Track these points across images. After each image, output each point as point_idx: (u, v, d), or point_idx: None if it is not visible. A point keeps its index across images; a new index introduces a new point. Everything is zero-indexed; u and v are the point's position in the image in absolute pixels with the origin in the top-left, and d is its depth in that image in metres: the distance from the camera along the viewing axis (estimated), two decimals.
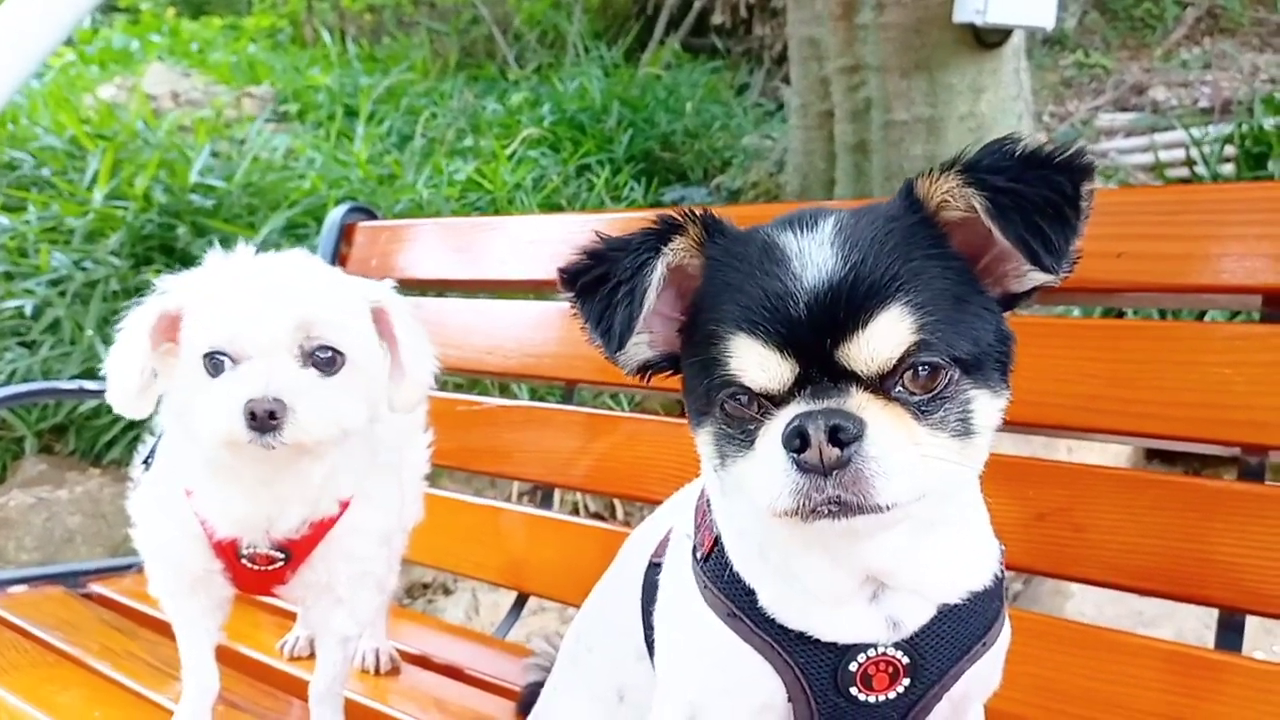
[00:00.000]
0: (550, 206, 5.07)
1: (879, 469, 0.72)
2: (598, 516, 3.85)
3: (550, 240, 1.98)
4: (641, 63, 7.42)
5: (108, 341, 3.27)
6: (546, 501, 2.07)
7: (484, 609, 3.42)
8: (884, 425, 0.73)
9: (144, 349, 1.14)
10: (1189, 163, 4.82)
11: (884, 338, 0.73)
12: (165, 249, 3.65)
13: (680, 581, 0.94)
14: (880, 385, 0.74)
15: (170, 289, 1.14)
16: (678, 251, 0.82)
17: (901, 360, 0.74)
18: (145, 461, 1.28)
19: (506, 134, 5.68)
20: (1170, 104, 6.58)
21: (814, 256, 0.76)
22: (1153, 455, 3.63)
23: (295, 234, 4.00)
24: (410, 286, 2.32)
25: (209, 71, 6.28)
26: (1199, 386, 1.23)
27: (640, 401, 4.03)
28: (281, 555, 1.20)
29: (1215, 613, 1.26)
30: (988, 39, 4.59)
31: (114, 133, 4.24)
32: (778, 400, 0.75)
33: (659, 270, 0.81)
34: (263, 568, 1.21)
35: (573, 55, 7.51)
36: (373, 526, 1.26)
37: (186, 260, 3.65)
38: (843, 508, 0.73)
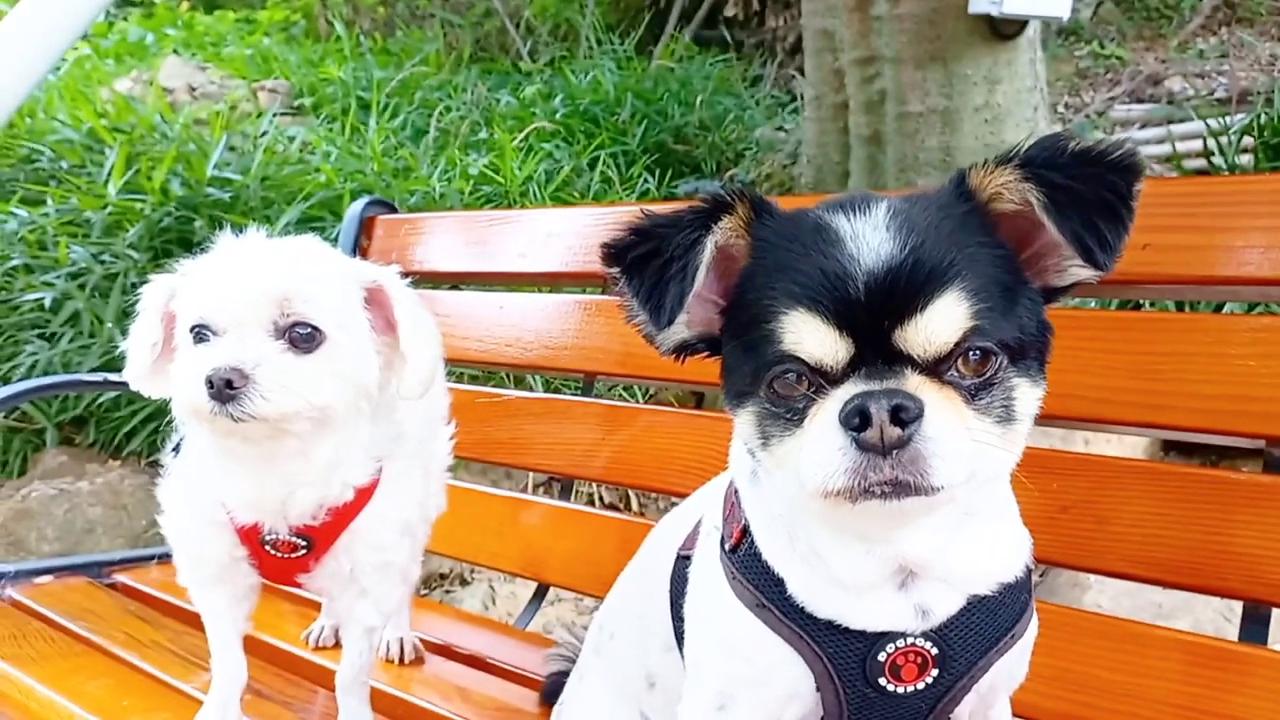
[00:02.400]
0: (563, 199, 5.08)
1: (936, 450, 0.72)
2: (613, 507, 3.86)
3: (567, 233, 1.98)
4: (654, 55, 7.41)
5: (127, 334, 3.29)
6: (565, 493, 2.08)
7: (501, 599, 3.44)
8: (940, 407, 0.73)
9: (154, 325, 1.16)
10: (1206, 153, 4.78)
11: (943, 321, 0.74)
12: (183, 242, 3.67)
13: (709, 573, 0.94)
14: (934, 368, 0.75)
15: (181, 268, 1.16)
16: (726, 230, 0.82)
17: (958, 345, 0.75)
18: (175, 449, 1.29)
19: (520, 126, 5.68)
20: (1186, 95, 6.54)
21: (870, 239, 0.76)
22: (1170, 447, 3.62)
23: (311, 226, 4.02)
24: (430, 279, 2.34)
25: (224, 65, 6.30)
26: (1223, 379, 1.23)
27: (655, 394, 4.04)
28: (303, 543, 1.21)
29: (1234, 605, 1.25)
30: (1003, 30, 4.58)
31: (131, 126, 4.27)
32: (831, 379, 0.76)
33: (709, 247, 0.81)
34: (286, 555, 1.22)
35: (585, 48, 7.50)
36: (396, 517, 1.26)
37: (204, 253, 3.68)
38: (896, 488, 0.73)
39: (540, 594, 1.98)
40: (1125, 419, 1.33)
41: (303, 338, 1.07)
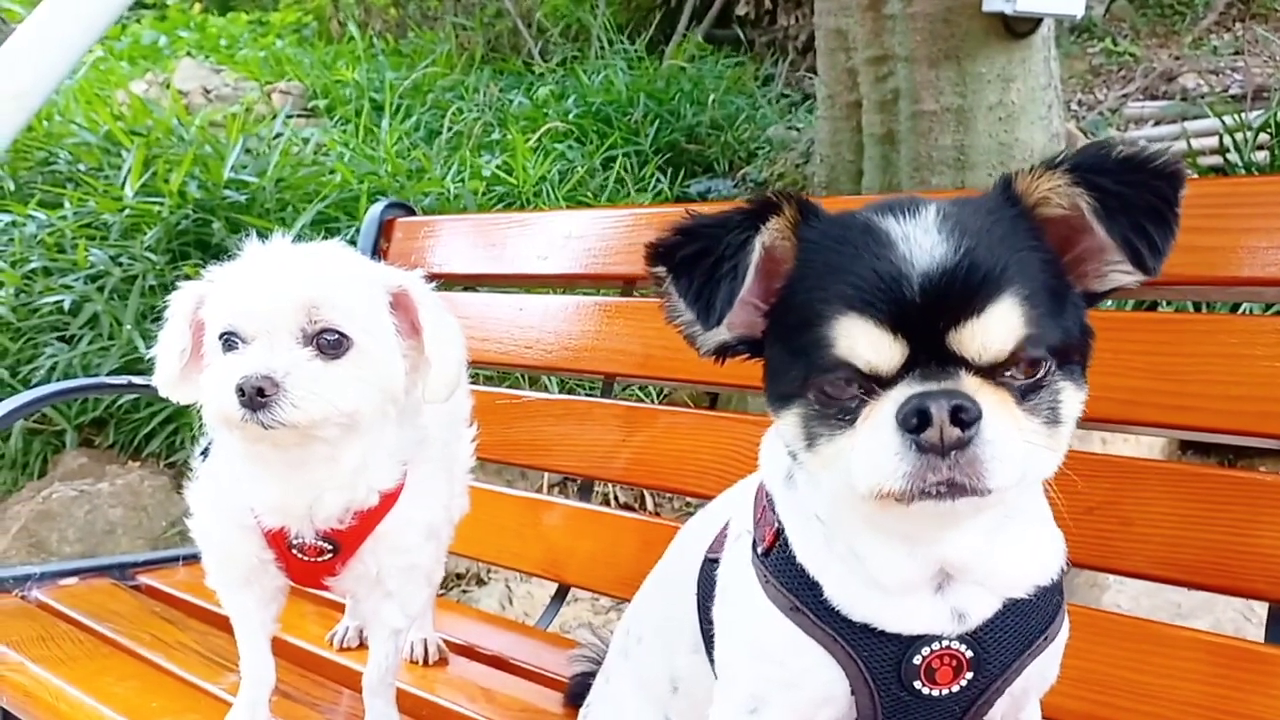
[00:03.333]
0: (576, 199, 5.09)
1: (994, 453, 0.73)
2: (628, 507, 3.87)
3: (587, 235, 1.99)
4: (665, 55, 7.41)
5: (146, 336, 3.31)
6: (584, 494, 2.09)
7: (518, 599, 3.45)
8: (996, 409, 0.74)
9: (183, 332, 1.17)
10: (1222, 150, 4.77)
11: (1001, 326, 0.74)
12: (200, 244, 3.69)
13: (740, 576, 0.94)
14: (989, 371, 0.75)
15: (210, 275, 1.16)
16: (773, 231, 0.82)
17: (1015, 350, 0.75)
18: (204, 453, 1.30)
19: (532, 127, 5.70)
20: (1200, 91, 6.50)
21: (922, 241, 0.76)
22: (1187, 447, 3.61)
23: (326, 228, 4.04)
24: (449, 281, 2.35)
25: (238, 68, 6.32)
26: (1246, 380, 1.23)
27: (669, 394, 4.04)
28: (330, 546, 1.22)
29: (1255, 605, 1.26)
30: (1017, 28, 4.57)
31: (147, 129, 4.29)
32: (884, 382, 0.76)
33: (758, 248, 0.81)
34: (312, 559, 1.23)
35: (596, 48, 7.50)
36: (422, 520, 1.27)
37: (221, 255, 3.67)
38: (951, 489, 0.73)
39: (561, 595, 1.99)
40: (1149, 420, 1.33)
41: (330, 344, 1.08)
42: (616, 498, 3.79)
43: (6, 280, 3.44)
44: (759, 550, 0.92)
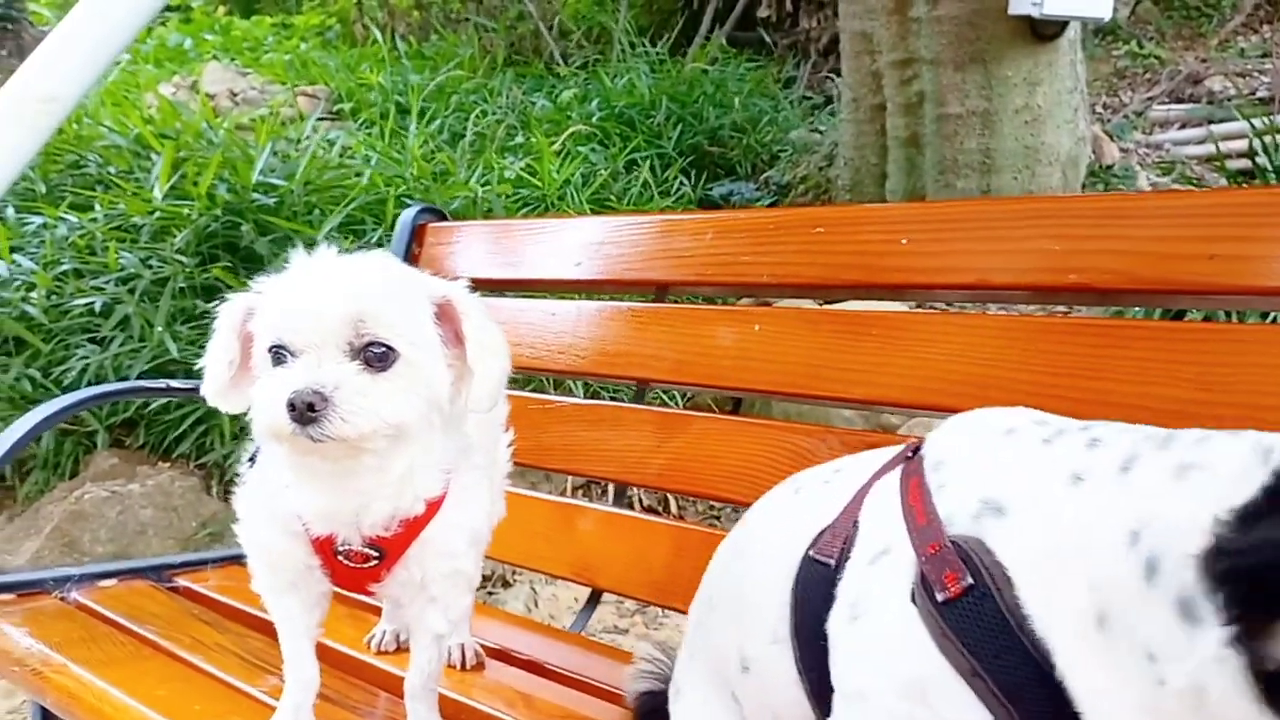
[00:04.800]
0: (599, 202, 5.10)
1: None
2: (651, 510, 3.87)
3: (621, 240, 1.99)
4: (687, 58, 7.42)
5: (177, 339, 3.34)
6: (618, 499, 2.10)
7: (543, 601, 3.46)
8: None
9: (230, 343, 1.17)
10: (1250, 153, 4.73)
11: None
12: (229, 247, 3.72)
13: (887, 607, 0.85)
14: None
15: (258, 286, 1.17)
16: None
17: None
18: (250, 459, 1.31)
19: (555, 130, 5.71)
20: (1227, 94, 6.46)
21: None
22: None
23: (353, 230, 4.07)
24: (483, 287, 2.36)
25: (264, 71, 6.37)
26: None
27: (692, 398, 4.04)
28: (375, 553, 1.23)
29: None
30: (1044, 31, 4.56)
31: (176, 132, 4.33)
32: None
33: None
34: (358, 565, 1.23)
35: (618, 51, 7.52)
36: (465, 526, 1.28)
37: (250, 258, 3.72)
38: None
39: (594, 599, 1.99)
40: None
41: (377, 357, 1.08)
42: (641, 500, 3.80)
43: (39, 282, 3.47)
44: (936, 596, 0.81)
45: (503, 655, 1.69)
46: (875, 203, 4.95)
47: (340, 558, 1.23)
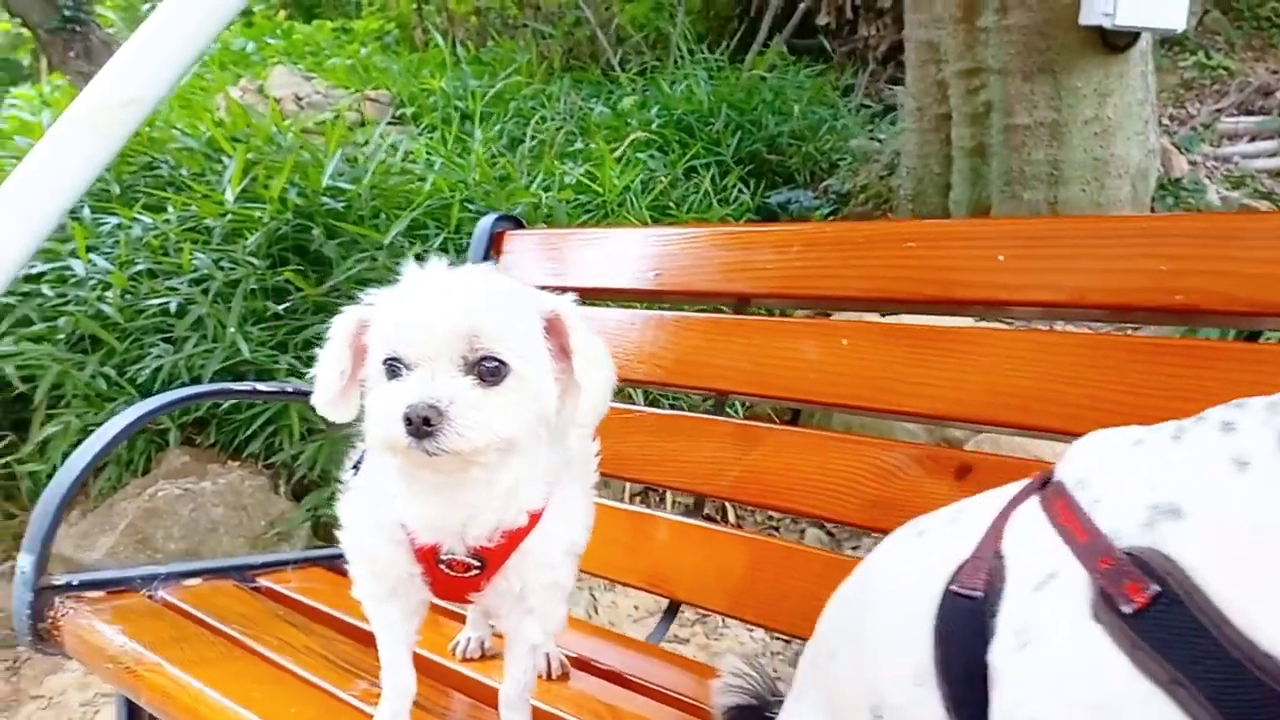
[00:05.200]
0: (659, 209, 5.10)
1: None
2: (709, 519, 3.87)
3: (702, 251, 1.99)
4: (745, 64, 7.40)
5: (249, 340, 3.39)
6: (693, 510, 2.09)
7: (602, 608, 3.47)
8: None
9: (342, 355, 1.19)
10: None
11: None
12: (298, 250, 3.77)
13: (1063, 630, 0.83)
14: None
15: (371, 298, 1.18)
16: None
17: None
18: (354, 467, 1.33)
19: (614, 136, 5.72)
20: None
21: None
22: None
23: (416, 235, 4.10)
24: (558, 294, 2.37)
25: (329, 75, 6.45)
26: None
27: (750, 407, 4.03)
28: (477, 563, 1.24)
29: None
30: (1115, 42, 4.49)
31: (246, 135, 4.40)
32: None
33: None
34: (459, 574, 1.24)
35: (676, 57, 7.52)
36: (564, 537, 1.28)
37: (320, 261, 3.77)
38: None
39: (671, 611, 1.99)
40: None
41: (490, 372, 1.09)
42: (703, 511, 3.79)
43: (114, 282, 3.54)
44: (1124, 609, 0.80)
45: (585, 665, 1.70)
46: (939, 213, 4.91)
47: (442, 567, 1.24)
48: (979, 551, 0.96)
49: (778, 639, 3.35)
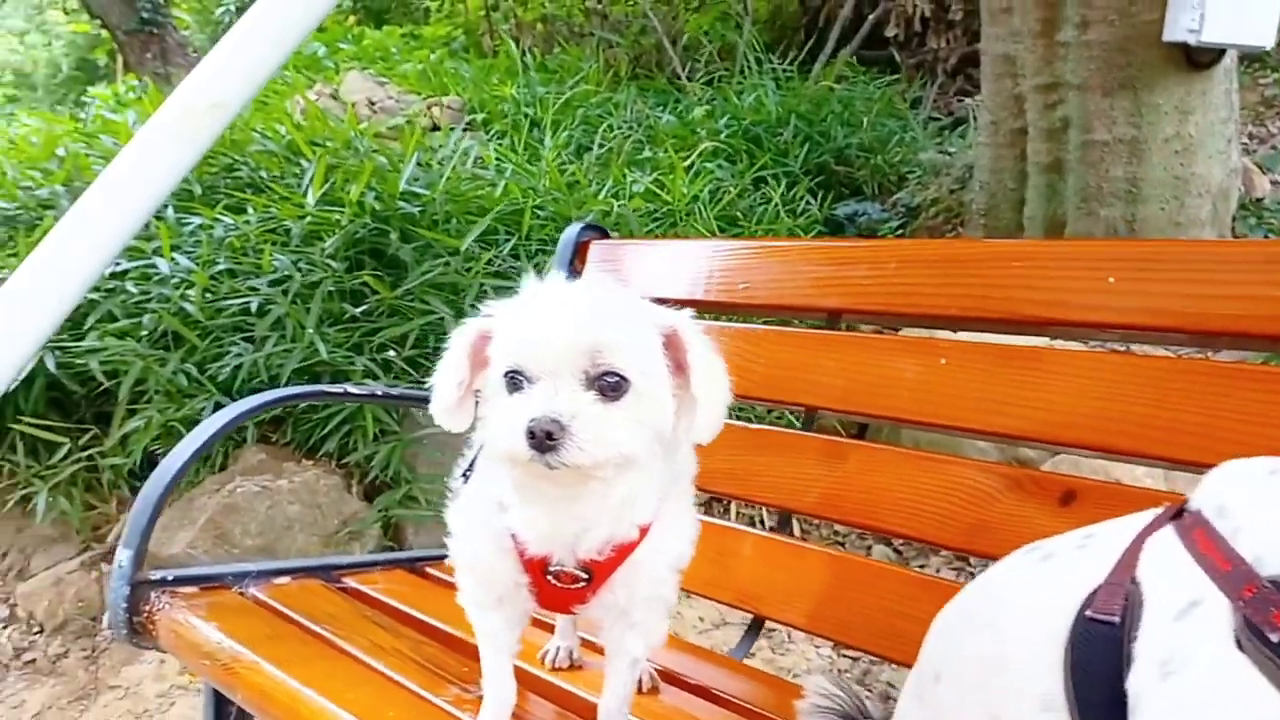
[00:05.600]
0: (727, 219, 5.09)
1: None
2: (774, 530, 3.84)
3: (791, 265, 1.98)
4: (812, 75, 7.37)
5: (326, 341, 3.44)
6: (780, 526, 2.08)
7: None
8: None
9: (461, 365, 1.19)
10: None
11: None
12: (374, 253, 3.82)
13: (1206, 658, 0.83)
14: None
15: (491, 310, 1.19)
16: None
17: None
18: (464, 475, 1.33)
19: (681, 145, 5.73)
20: None
21: None
22: None
23: (488, 240, 4.14)
24: None
25: (401, 81, 6.54)
26: None
27: (817, 421, 4.00)
28: (585, 575, 1.24)
29: None
30: (1199, 59, 4.40)
31: (325, 139, 4.46)
32: None
33: None
34: (566, 586, 1.25)
35: (742, 67, 7.51)
36: (671, 552, 1.28)
37: (395, 265, 3.81)
38: None
39: (756, 627, 1.98)
40: None
41: (611, 386, 1.09)
42: (763, 520, 3.76)
43: (196, 280, 3.61)
44: (1271, 637, 0.79)
45: (673, 679, 1.69)
46: (1012, 229, 4.85)
47: (550, 578, 1.24)
48: (1113, 577, 0.95)
49: (845, 656, 3.32)
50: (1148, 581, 0.92)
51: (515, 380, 1.11)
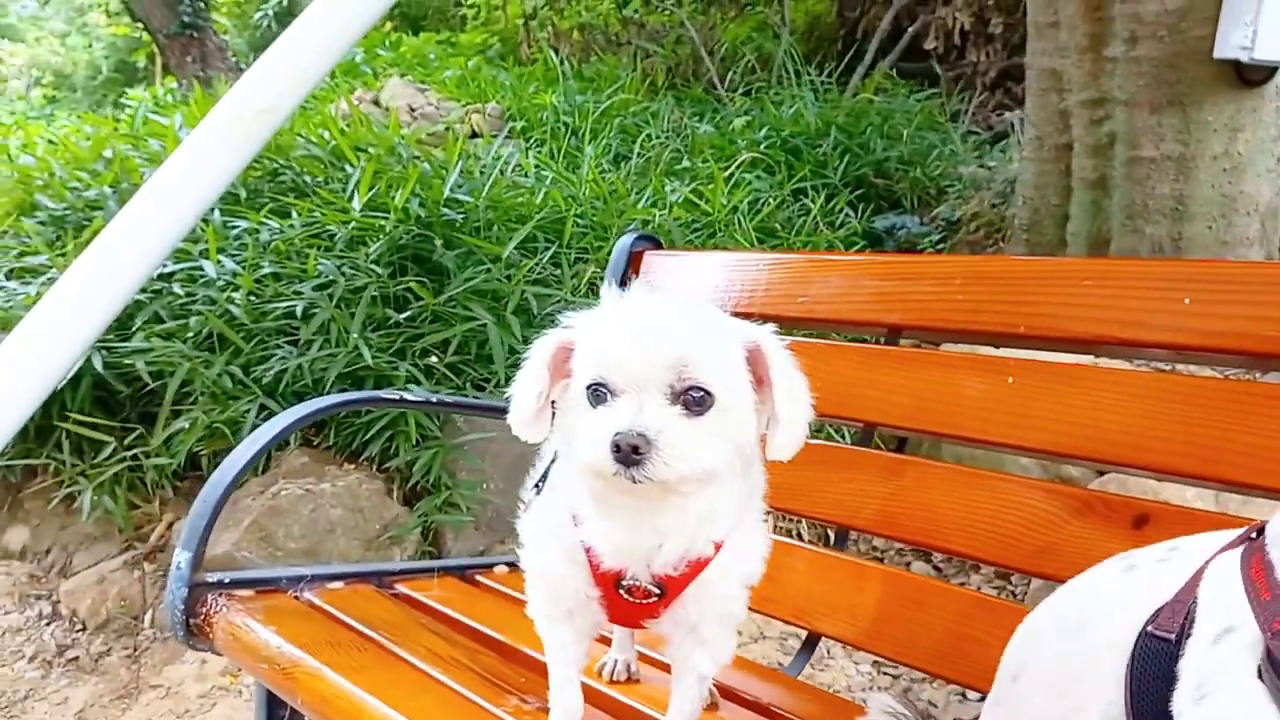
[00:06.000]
0: (766, 231, 5.08)
1: None
2: (812, 544, 3.82)
3: (852, 279, 1.97)
4: (850, 87, 7.35)
5: (370, 345, 3.45)
6: (837, 542, 2.06)
7: None
8: None
9: (542, 377, 1.19)
10: None
11: None
12: (418, 259, 3.83)
13: (1231, 686, 0.84)
14: None
15: (571, 322, 1.18)
16: None
17: None
18: (536, 486, 1.33)
19: (720, 155, 5.72)
20: None
21: None
22: None
23: (529, 248, 4.14)
24: None
25: (441, 88, 6.57)
26: None
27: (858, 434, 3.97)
28: (658, 590, 1.23)
29: None
30: (1250, 76, 4.34)
31: (369, 145, 4.49)
32: None
33: None
34: (639, 600, 1.24)
35: (779, 78, 7.50)
36: (742, 569, 1.27)
37: (438, 271, 3.82)
38: None
39: (810, 644, 1.96)
40: None
41: (695, 401, 1.09)
42: (801, 534, 3.74)
43: (242, 283, 3.63)
44: None
45: (730, 695, 1.68)
46: (1056, 245, 4.80)
47: (622, 592, 1.23)
48: (1180, 595, 0.95)
49: (885, 674, 3.29)
50: (1203, 601, 0.91)
51: (599, 393, 1.10)
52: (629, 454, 1.04)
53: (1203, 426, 1.45)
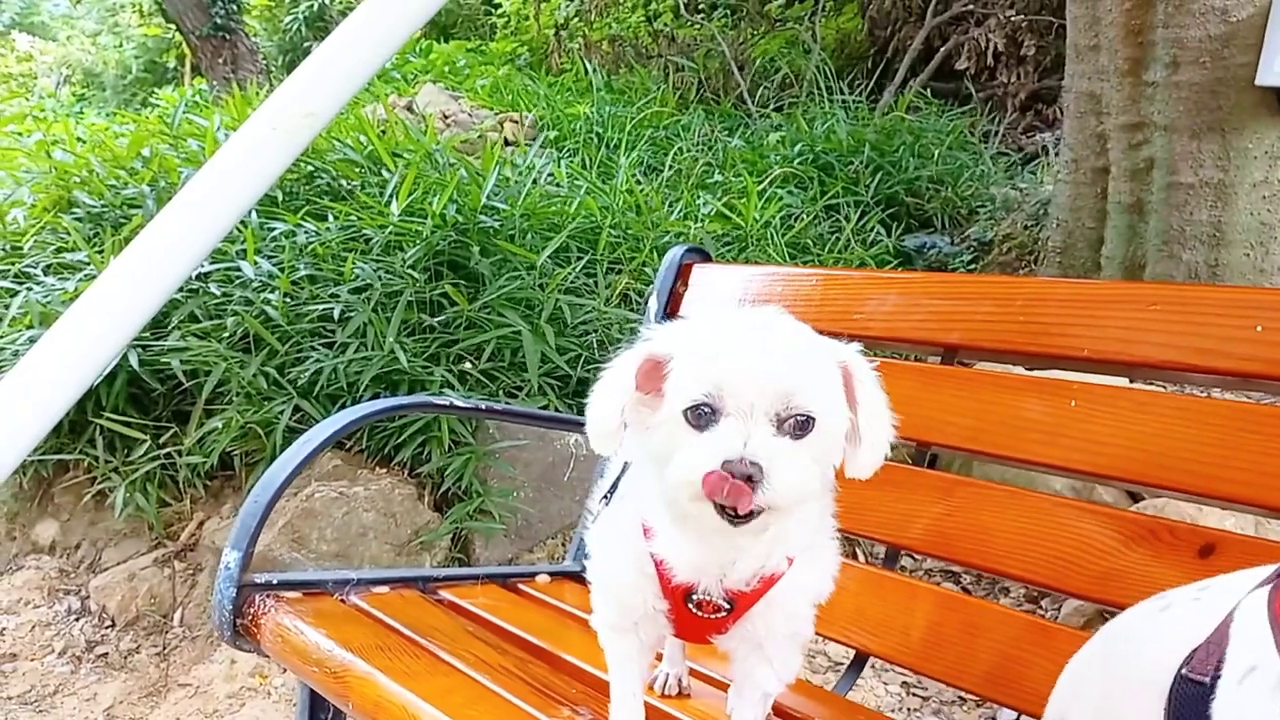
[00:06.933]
0: (798, 246, 5.07)
1: None
2: (881, 565, 3.80)
3: (911, 298, 1.95)
4: (881, 105, 7.35)
5: (405, 349, 3.45)
6: (888, 561, 2.05)
7: None
8: None
9: (627, 391, 1.16)
10: None
11: None
12: (454, 265, 3.83)
13: None
14: None
15: (657, 336, 1.16)
16: None
17: None
18: (605, 497, 1.32)
19: (751, 170, 5.72)
20: None
21: None
22: None
23: (562, 256, 4.14)
24: None
25: (475, 97, 6.60)
26: None
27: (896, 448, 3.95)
28: (728, 605, 1.21)
29: None
30: None
31: (406, 150, 4.50)
32: None
33: None
34: (707, 615, 1.22)
35: (809, 94, 7.50)
36: (812, 587, 1.26)
37: (473, 278, 3.83)
38: None
39: (859, 663, 1.94)
40: None
41: (799, 424, 1.07)
42: (866, 555, 3.72)
43: (279, 285, 3.64)
44: None
45: (781, 713, 1.66)
46: (1090, 268, 4.78)
47: (691, 606, 1.22)
48: (1213, 636, 0.95)
49: (915, 695, 3.26)
50: (1233, 641, 0.91)
51: (702, 415, 1.08)
52: (739, 486, 1.02)
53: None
